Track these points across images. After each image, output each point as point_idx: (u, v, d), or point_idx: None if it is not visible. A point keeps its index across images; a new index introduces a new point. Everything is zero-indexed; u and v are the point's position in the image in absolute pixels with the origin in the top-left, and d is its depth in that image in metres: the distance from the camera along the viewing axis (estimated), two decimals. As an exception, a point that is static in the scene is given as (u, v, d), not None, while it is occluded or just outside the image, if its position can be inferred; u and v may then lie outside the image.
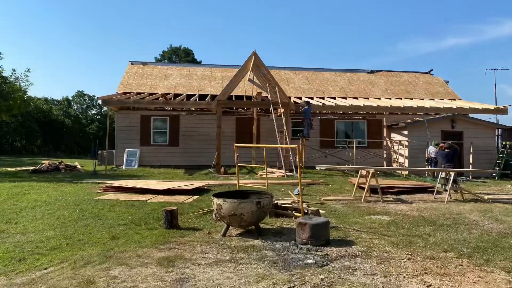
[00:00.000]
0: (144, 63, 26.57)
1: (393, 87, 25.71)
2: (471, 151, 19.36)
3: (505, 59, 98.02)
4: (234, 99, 21.44)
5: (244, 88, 22.91)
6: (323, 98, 22.79)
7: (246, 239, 6.90)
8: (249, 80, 18.58)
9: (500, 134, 21.11)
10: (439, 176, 13.20)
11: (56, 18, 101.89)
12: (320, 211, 8.88)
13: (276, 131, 17.93)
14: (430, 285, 4.91)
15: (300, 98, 22.54)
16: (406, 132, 20.27)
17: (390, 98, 23.68)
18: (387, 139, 22.39)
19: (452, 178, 11.97)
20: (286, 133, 17.88)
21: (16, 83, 21.71)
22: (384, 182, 13.67)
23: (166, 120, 21.91)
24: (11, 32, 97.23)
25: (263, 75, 19.10)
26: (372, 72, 27.84)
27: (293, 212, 8.61)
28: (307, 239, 6.50)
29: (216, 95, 19.81)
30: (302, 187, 9.01)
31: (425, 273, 5.33)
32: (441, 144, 15.70)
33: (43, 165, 18.78)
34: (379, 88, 25.36)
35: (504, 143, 19.95)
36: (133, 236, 7.01)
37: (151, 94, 21.52)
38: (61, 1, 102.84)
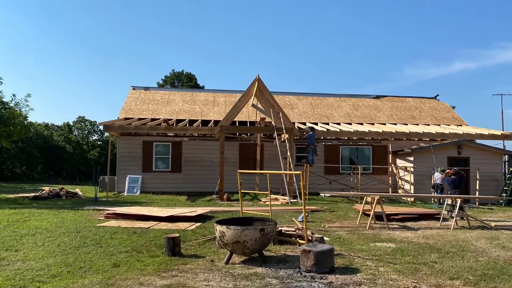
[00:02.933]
0: (146, 88, 26.66)
1: (399, 112, 25.76)
2: (478, 177, 19.20)
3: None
4: (237, 125, 21.50)
5: (248, 114, 23.03)
6: (327, 124, 22.82)
7: (250, 267, 6.79)
8: (253, 105, 18.61)
9: (507, 160, 20.96)
10: (445, 202, 13.07)
11: (57, 43, 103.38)
12: (325, 238, 8.78)
13: (280, 157, 17.89)
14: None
15: (304, 123, 22.58)
16: (411, 158, 20.18)
17: (395, 124, 23.70)
18: (393, 165, 22.29)
19: (458, 204, 11.85)
20: (290, 159, 17.82)
21: (16, 109, 21.80)
22: (389, 209, 13.55)
23: (169, 146, 21.88)
24: (12, 57, 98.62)
25: (266, 100, 19.15)
26: (377, 97, 27.92)
27: (297, 239, 8.51)
28: (311, 266, 6.40)
29: (219, 121, 19.84)
30: (306, 214, 8.92)
31: (433, 302, 5.20)
32: (447, 170, 15.61)
33: (44, 191, 18.71)
34: (384, 113, 25.40)
35: (511, 169, 19.80)
36: (135, 263, 6.92)
37: (153, 119, 21.61)
38: (62, 26, 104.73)
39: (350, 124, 23.13)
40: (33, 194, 18.53)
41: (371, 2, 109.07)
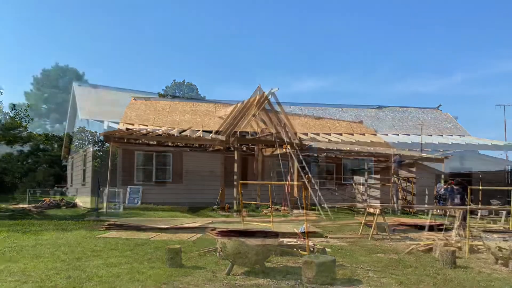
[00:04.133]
0: (147, 99, 26.58)
1: (401, 123, 25.72)
2: (480, 188, 19.09)
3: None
4: (238, 135, 21.45)
5: (249, 124, 22.99)
6: (329, 134, 22.78)
7: (251, 278, 6.73)
8: (254, 116, 18.64)
9: (510, 170, 20.89)
10: (448, 213, 12.98)
11: (58, 51, 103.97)
12: (327, 249, 8.73)
13: (282, 168, 17.84)
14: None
15: (306, 134, 22.56)
16: (414, 169, 20.10)
17: (397, 134, 23.65)
18: (395, 176, 22.20)
19: (461, 215, 11.76)
20: (291, 170, 17.76)
21: (16, 119, 21.83)
22: (391, 220, 13.47)
23: (169, 156, 21.79)
24: (11, 65, 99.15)
25: (268, 111, 19.15)
26: (380, 108, 27.87)
27: (299, 250, 8.45)
28: (313, 278, 6.33)
29: (220, 131, 19.80)
30: (308, 225, 8.86)
31: (437, 314, 5.13)
32: (450, 181, 15.54)
33: (44, 202, 18.66)
34: (386, 124, 25.36)
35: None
36: (136, 275, 6.85)
37: (154, 130, 21.54)
38: (63, 37, 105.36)
39: (352, 134, 23.09)
40: (33, 205, 18.46)
41: (372, 11, 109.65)
